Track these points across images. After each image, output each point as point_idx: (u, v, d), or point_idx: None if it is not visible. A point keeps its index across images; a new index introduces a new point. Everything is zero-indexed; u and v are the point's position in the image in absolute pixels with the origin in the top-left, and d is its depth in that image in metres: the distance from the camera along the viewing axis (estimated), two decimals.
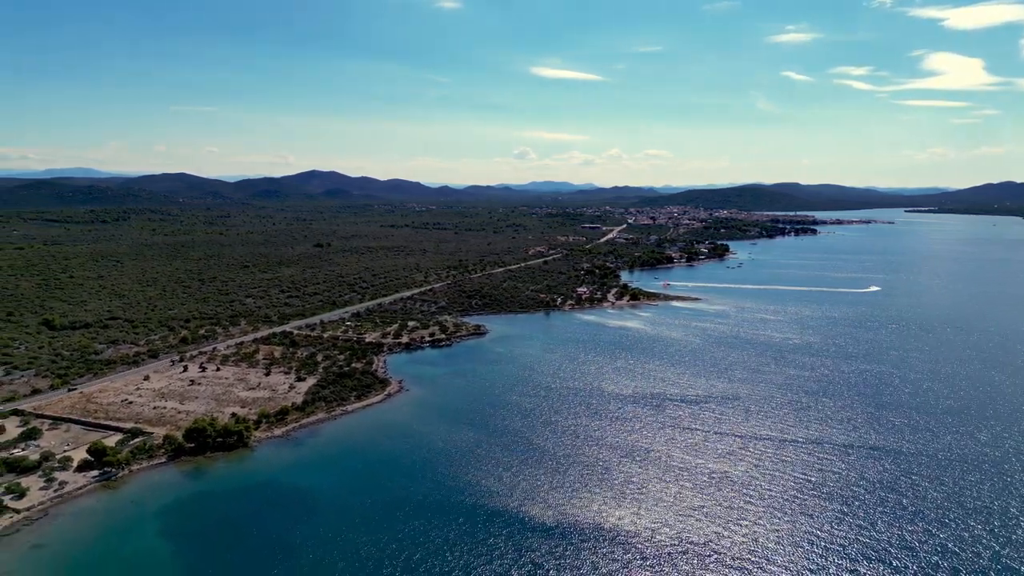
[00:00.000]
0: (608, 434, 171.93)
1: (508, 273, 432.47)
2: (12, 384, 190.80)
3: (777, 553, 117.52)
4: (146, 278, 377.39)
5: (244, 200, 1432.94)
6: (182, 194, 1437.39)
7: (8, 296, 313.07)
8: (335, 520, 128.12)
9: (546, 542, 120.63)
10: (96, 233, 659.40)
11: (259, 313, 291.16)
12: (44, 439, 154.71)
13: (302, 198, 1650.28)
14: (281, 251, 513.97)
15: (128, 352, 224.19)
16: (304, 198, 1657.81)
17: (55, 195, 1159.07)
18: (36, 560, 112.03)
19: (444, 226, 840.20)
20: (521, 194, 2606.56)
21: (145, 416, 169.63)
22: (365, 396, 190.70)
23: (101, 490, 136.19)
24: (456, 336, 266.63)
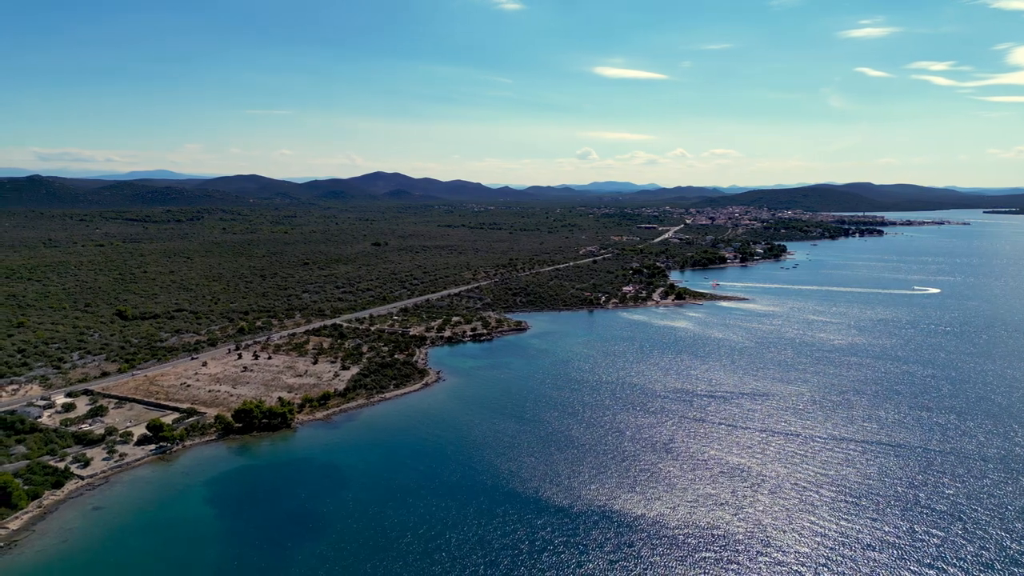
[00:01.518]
0: (634, 426, 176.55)
1: (555, 272, 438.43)
2: (85, 367, 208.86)
3: (781, 539, 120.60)
4: (212, 273, 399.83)
5: (311, 201, 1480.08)
6: (253, 195, 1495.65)
7: (87, 289, 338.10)
8: (364, 495, 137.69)
9: (559, 521, 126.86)
10: (171, 232, 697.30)
11: (313, 307, 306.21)
12: (109, 416, 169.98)
13: (366, 199, 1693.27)
14: (340, 249, 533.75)
15: (190, 340, 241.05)
16: (368, 199, 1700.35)
17: (136, 196, 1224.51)
18: (96, 520, 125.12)
19: (499, 226, 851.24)
20: (581, 194, 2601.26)
21: (200, 398, 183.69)
22: (403, 385, 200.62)
23: (157, 462, 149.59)
24: (497, 331, 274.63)
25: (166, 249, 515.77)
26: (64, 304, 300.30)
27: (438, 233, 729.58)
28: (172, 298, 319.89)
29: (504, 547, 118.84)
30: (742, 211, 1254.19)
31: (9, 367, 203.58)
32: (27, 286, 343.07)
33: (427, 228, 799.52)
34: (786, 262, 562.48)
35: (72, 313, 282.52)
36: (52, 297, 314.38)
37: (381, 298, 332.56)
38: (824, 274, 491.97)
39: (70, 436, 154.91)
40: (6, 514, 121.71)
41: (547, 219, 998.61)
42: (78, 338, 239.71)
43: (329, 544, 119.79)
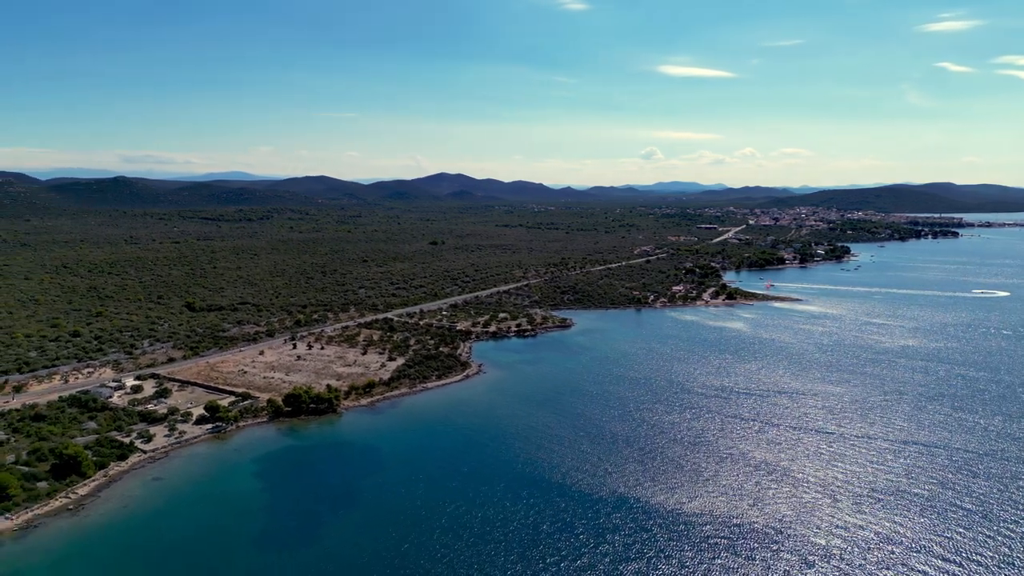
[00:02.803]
0: (667, 421, 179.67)
1: (607, 271, 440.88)
2: (154, 353, 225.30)
3: (798, 531, 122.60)
4: (276, 270, 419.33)
5: (376, 201, 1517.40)
6: (321, 195, 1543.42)
7: (161, 283, 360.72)
8: (400, 475, 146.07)
9: (581, 505, 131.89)
10: (242, 230, 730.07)
11: (368, 302, 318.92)
12: (172, 398, 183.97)
13: (429, 199, 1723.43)
14: (398, 248, 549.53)
15: (250, 331, 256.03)
16: (431, 199, 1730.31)
17: (211, 196, 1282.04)
18: (155, 489, 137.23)
19: (556, 226, 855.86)
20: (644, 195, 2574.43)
21: (255, 384, 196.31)
22: (445, 376, 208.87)
23: (212, 440, 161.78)
24: (541, 327, 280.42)
25: (235, 246, 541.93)
26: (139, 296, 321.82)
27: (495, 233, 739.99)
28: (237, 292, 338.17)
29: (525, 526, 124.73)
30: (809, 212, 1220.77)
31: (86, 352, 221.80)
32: (107, 279, 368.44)
33: (485, 228, 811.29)
34: (848, 264, 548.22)
35: (146, 304, 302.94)
36: (129, 290, 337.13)
37: (432, 294, 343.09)
38: (887, 276, 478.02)
39: (136, 414, 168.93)
40: (76, 481, 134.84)
41: (605, 219, 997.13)
42: (149, 327, 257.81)
43: (363, 517, 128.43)
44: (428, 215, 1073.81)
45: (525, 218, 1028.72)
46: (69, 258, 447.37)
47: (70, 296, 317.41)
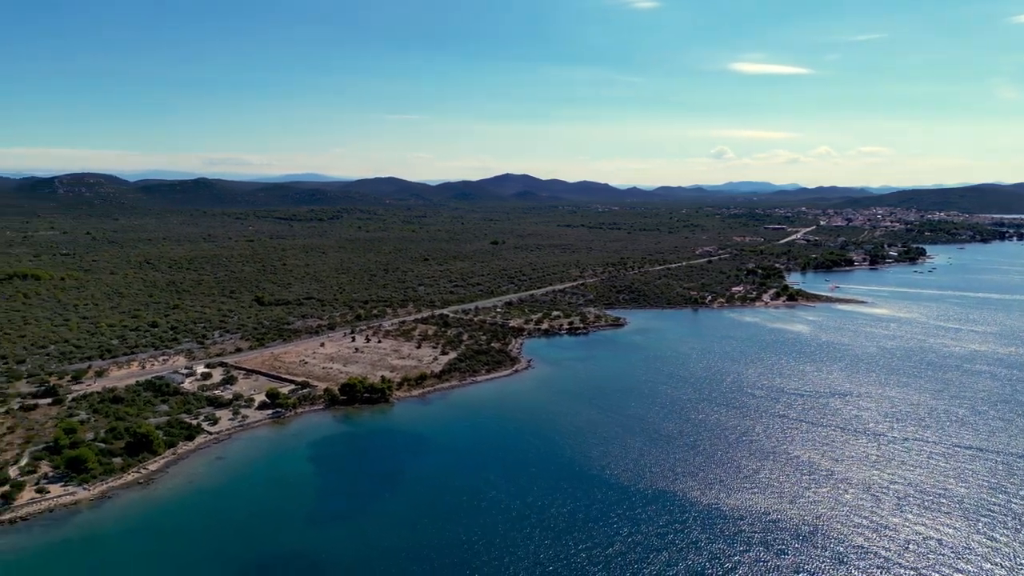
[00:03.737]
0: (713, 419, 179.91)
1: (665, 271, 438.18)
2: (223, 343, 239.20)
3: (834, 529, 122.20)
4: (342, 267, 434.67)
5: (442, 202, 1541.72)
6: (390, 196, 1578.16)
7: (234, 278, 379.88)
8: (445, 461, 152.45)
9: (617, 496, 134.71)
10: (312, 229, 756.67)
11: (425, 298, 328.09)
12: (238, 385, 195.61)
13: (494, 200, 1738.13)
14: (459, 247, 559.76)
15: (312, 324, 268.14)
16: (496, 200, 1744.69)
17: (286, 197, 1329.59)
18: (218, 467, 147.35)
19: (619, 226, 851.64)
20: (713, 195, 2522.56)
21: (314, 373, 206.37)
22: (494, 370, 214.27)
23: (272, 424, 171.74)
24: (594, 326, 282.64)
25: (305, 245, 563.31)
26: (213, 290, 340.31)
27: (556, 232, 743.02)
28: (304, 287, 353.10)
29: (562, 514, 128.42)
30: (885, 212, 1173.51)
31: (163, 341, 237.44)
32: (185, 275, 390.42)
33: (547, 228, 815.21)
34: (922, 266, 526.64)
35: (219, 298, 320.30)
36: (204, 284, 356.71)
37: (489, 292, 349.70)
38: (963, 279, 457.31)
39: (204, 399, 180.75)
40: (147, 458, 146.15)
41: (670, 219, 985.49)
42: (221, 319, 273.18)
43: (408, 500, 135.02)
44: (491, 215, 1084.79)
45: (588, 218, 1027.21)
46: (151, 255, 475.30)
47: (151, 290, 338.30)
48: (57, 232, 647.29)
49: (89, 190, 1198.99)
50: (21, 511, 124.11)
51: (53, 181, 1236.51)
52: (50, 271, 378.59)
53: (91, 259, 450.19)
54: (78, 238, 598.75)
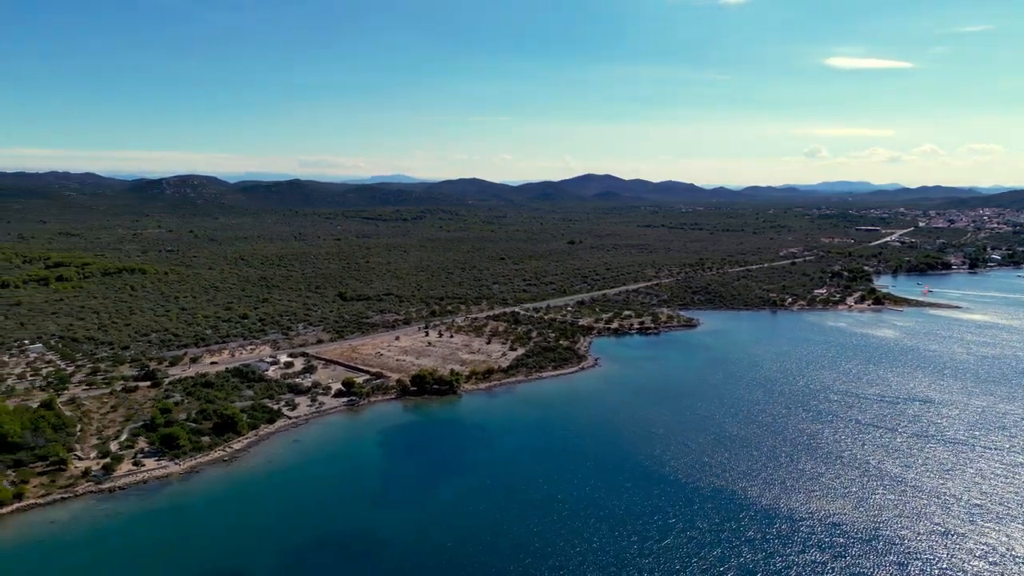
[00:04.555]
0: (781, 421, 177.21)
1: (745, 272, 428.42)
2: (306, 335, 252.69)
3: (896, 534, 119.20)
4: (421, 265, 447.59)
5: (523, 202, 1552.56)
6: (472, 196, 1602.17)
7: (320, 275, 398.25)
8: (506, 452, 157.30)
9: (675, 492, 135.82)
10: (396, 229, 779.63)
11: (499, 296, 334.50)
12: (317, 374, 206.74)
13: (575, 200, 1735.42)
14: (536, 247, 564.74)
15: (389, 319, 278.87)
16: (577, 200, 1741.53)
17: (373, 197, 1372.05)
18: (295, 449, 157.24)
19: (701, 227, 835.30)
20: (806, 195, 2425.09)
21: (388, 365, 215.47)
22: (561, 367, 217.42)
23: (346, 411, 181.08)
24: (665, 326, 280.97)
25: (388, 244, 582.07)
26: (300, 286, 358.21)
27: (635, 233, 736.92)
28: (384, 284, 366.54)
29: (618, 507, 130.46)
30: (993, 213, 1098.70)
31: (251, 332, 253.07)
32: (275, 271, 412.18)
33: (626, 228, 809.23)
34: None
35: (304, 293, 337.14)
36: (292, 280, 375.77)
37: (561, 291, 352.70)
38: None
39: (285, 386, 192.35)
40: (232, 438, 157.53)
41: (756, 220, 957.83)
42: (305, 313, 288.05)
43: (468, 486, 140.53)
44: (571, 215, 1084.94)
45: (669, 218, 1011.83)
46: (246, 252, 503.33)
47: (244, 284, 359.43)
48: (163, 230, 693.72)
49: (193, 191, 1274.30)
50: (119, 481, 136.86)
51: (161, 182, 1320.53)
52: (155, 266, 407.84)
53: (192, 255, 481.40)
54: (182, 236, 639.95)
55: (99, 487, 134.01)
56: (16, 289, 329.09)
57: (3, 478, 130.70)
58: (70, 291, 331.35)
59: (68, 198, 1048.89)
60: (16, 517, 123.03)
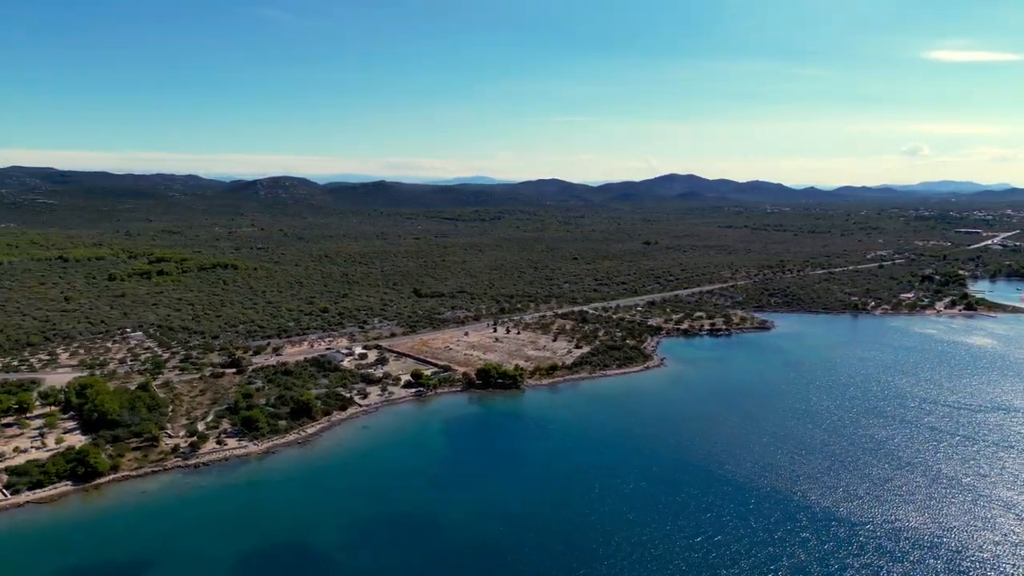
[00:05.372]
0: (850, 425, 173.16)
1: (827, 275, 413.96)
2: (380, 328, 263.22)
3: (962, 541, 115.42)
4: (495, 264, 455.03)
5: (603, 203, 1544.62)
6: (551, 197, 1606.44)
7: (398, 272, 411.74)
8: (565, 445, 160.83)
9: (731, 490, 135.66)
10: (474, 229, 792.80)
11: (568, 295, 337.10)
12: (388, 365, 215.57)
13: (656, 200, 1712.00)
14: (611, 247, 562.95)
15: (460, 315, 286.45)
16: (657, 200, 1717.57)
17: (454, 198, 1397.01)
18: (363, 435, 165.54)
19: (785, 228, 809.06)
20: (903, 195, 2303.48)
21: (456, 359, 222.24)
22: (625, 366, 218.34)
23: (414, 401, 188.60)
24: (738, 328, 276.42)
25: (465, 243, 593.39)
26: (379, 282, 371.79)
27: (715, 233, 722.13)
28: (458, 282, 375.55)
29: (672, 503, 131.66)
30: None
31: (330, 324, 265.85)
32: (356, 268, 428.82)
33: (706, 229, 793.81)
34: None
35: (382, 289, 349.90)
36: (371, 277, 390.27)
37: (632, 291, 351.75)
38: None
39: (359, 376, 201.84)
40: (306, 422, 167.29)
41: (845, 221, 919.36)
42: (381, 307, 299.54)
43: (524, 475, 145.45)
44: (650, 216, 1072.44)
45: (753, 219, 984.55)
46: (330, 250, 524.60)
47: (326, 280, 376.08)
48: (256, 229, 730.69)
49: (285, 191, 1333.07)
50: (204, 458, 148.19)
51: (256, 183, 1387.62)
52: (246, 262, 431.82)
53: (280, 253, 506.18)
54: (272, 234, 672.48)
55: (186, 462, 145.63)
56: (122, 282, 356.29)
57: (102, 451, 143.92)
58: (169, 284, 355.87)
59: (172, 198, 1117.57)
60: (112, 486, 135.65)
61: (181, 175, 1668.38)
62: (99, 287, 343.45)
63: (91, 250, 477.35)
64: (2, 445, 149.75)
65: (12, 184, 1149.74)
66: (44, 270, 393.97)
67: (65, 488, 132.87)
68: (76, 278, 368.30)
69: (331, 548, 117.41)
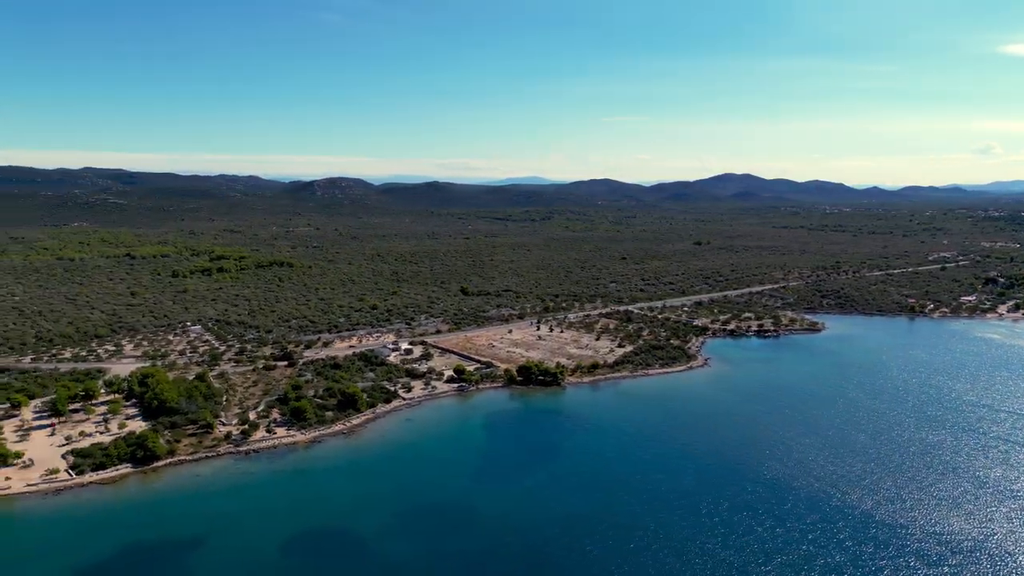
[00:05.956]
0: (896, 429, 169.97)
1: (885, 276, 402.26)
2: (427, 325, 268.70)
3: (1005, 547, 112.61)
4: (543, 263, 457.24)
5: (655, 203, 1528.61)
6: (603, 197, 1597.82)
7: (446, 271, 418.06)
8: (603, 442, 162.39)
9: (768, 493, 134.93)
10: (524, 228, 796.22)
11: (614, 295, 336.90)
12: (433, 361, 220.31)
13: (710, 200, 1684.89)
14: (660, 247, 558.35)
15: (504, 313, 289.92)
16: (711, 200, 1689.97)
17: (505, 198, 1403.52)
18: (406, 427, 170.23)
19: (844, 228, 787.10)
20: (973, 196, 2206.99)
21: (499, 356, 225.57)
22: (668, 365, 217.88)
23: (456, 396, 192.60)
24: (787, 329, 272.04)
25: (514, 242, 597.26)
26: (427, 281, 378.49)
27: (769, 234, 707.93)
28: (504, 281, 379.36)
29: (705, 501, 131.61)
30: None
31: (379, 321, 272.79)
32: (407, 267, 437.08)
33: (760, 229, 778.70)
34: None
35: (430, 287, 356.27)
36: (421, 275, 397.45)
37: (680, 291, 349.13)
38: None
39: (404, 370, 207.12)
40: (352, 414, 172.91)
41: (908, 222, 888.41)
42: (428, 305, 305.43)
43: (561, 469, 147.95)
44: (703, 216, 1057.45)
45: (810, 219, 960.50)
46: (382, 249, 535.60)
47: (377, 278, 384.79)
48: (312, 228, 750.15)
49: (340, 192, 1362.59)
50: (254, 445, 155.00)
51: (313, 184, 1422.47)
52: (301, 260, 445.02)
53: (334, 251, 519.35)
54: (328, 234, 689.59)
55: (237, 449, 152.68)
56: (184, 279, 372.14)
57: (161, 436, 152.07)
58: (228, 281, 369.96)
59: (233, 198, 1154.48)
60: (168, 469, 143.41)
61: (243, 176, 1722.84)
62: (163, 283, 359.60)
63: (156, 248, 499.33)
64: (69, 429, 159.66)
65: (85, 185, 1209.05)
66: (113, 267, 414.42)
67: (126, 470, 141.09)
68: (142, 274, 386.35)
69: (371, 534, 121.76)
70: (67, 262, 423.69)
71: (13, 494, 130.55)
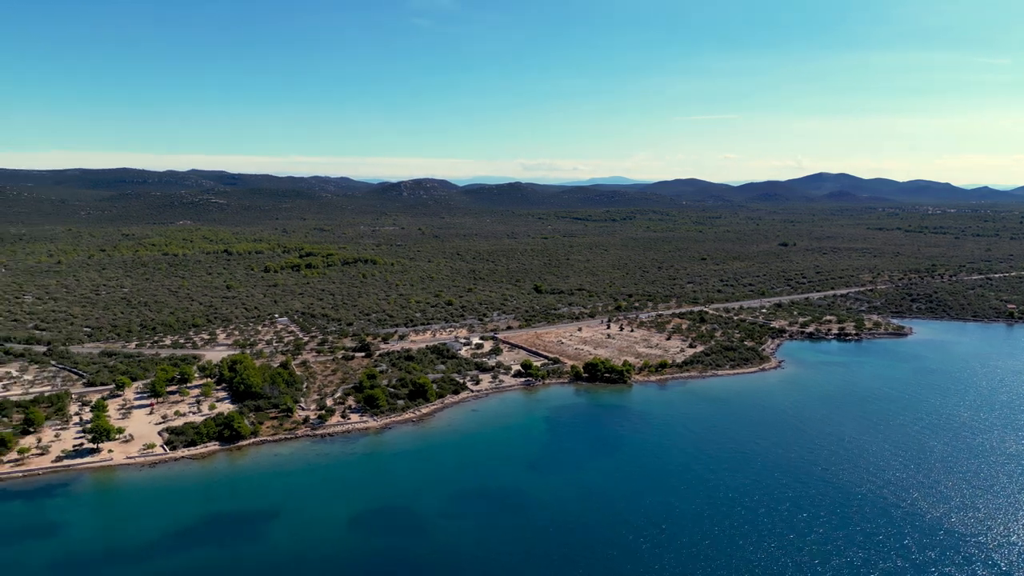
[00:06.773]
0: (981, 435, 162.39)
1: (985, 280, 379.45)
2: (498, 321, 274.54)
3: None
4: (619, 263, 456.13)
5: (743, 203, 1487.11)
6: (688, 197, 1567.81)
7: (521, 269, 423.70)
8: (664, 438, 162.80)
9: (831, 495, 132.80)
10: (603, 228, 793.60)
11: (689, 295, 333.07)
12: (502, 355, 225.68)
13: (802, 200, 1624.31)
14: (744, 248, 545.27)
15: (575, 311, 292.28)
16: (804, 201, 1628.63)
17: (586, 198, 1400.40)
18: (472, 417, 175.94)
19: (945, 230, 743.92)
20: None
21: (566, 352, 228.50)
22: (739, 366, 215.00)
23: (522, 390, 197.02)
24: (870, 333, 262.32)
25: (592, 242, 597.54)
26: (503, 279, 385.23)
27: (862, 235, 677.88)
28: (578, 280, 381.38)
29: (763, 501, 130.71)
30: None
31: (452, 316, 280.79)
32: (484, 265, 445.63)
33: (853, 230, 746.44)
34: None
35: (505, 285, 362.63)
36: (496, 274, 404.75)
37: (759, 293, 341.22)
38: None
39: (473, 364, 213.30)
40: (422, 403, 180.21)
41: (1020, 224, 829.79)
42: (501, 302, 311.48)
43: (619, 464, 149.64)
44: (793, 216, 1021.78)
45: (909, 221, 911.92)
46: (461, 248, 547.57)
47: (454, 276, 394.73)
48: (397, 228, 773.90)
49: (426, 193, 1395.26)
50: (330, 429, 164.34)
51: (400, 185, 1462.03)
52: (384, 258, 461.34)
53: (416, 250, 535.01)
54: (411, 233, 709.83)
55: (314, 432, 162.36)
56: (275, 273, 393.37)
57: (246, 418, 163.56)
58: (315, 276, 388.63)
59: (324, 199, 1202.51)
60: (251, 448, 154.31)
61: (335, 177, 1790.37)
62: (256, 277, 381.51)
63: (251, 245, 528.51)
64: (166, 409, 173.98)
65: (190, 185, 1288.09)
66: (211, 262, 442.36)
67: (214, 447, 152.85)
68: (237, 269, 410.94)
69: (433, 515, 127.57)
70: (171, 257, 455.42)
71: (114, 465, 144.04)
